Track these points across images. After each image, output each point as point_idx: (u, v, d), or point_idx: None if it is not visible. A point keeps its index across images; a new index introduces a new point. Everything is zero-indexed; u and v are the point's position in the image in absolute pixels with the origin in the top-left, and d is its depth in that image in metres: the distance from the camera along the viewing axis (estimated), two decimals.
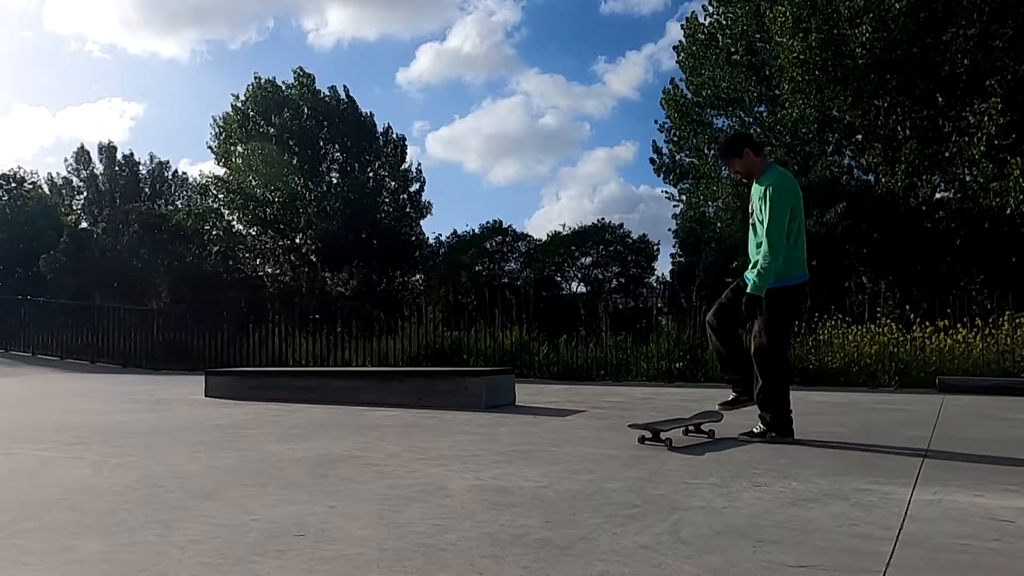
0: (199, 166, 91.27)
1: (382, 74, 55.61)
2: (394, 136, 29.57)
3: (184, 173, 36.88)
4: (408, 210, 29.33)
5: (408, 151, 29.92)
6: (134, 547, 2.08)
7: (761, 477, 3.03)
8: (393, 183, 29.44)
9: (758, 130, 21.39)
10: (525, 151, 55.76)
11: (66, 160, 37.26)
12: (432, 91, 54.68)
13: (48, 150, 57.26)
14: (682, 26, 22.00)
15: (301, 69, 28.64)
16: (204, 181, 29.76)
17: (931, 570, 1.85)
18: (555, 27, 53.88)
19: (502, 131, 53.85)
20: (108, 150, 35.63)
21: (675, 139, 22.48)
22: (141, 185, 35.60)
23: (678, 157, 22.79)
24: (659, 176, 23.41)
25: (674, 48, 22.62)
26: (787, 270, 4.01)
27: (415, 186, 29.72)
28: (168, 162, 36.89)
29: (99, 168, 35.63)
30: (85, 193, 35.44)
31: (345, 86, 29.17)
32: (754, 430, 4.14)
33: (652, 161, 23.17)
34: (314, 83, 28.62)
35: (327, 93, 28.74)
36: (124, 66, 57.67)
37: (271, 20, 52.30)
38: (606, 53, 56.20)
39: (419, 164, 30.98)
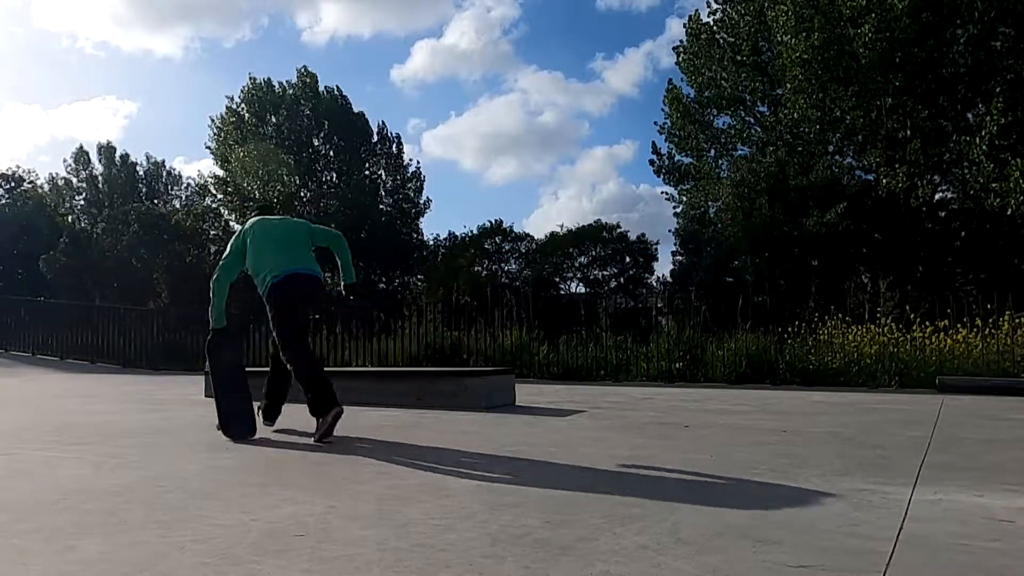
0: (195, 164, 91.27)
1: (377, 71, 55.69)
2: (390, 135, 29.59)
3: (180, 172, 36.95)
4: (407, 208, 29.32)
5: (404, 150, 29.98)
6: (134, 547, 2.08)
7: (761, 477, 3.03)
8: (390, 182, 29.44)
9: (759, 130, 21.41)
10: (523, 149, 55.81)
11: (65, 160, 37.36)
12: (428, 89, 54.71)
13: (43, 149, 57.35)
14: (684, 25, 22.02)
15: (304, 68, 28.69)
16: (202, 181, 29.82)
17: (931, 570, 1.85)
18: (553, 24, 53.95)
19: (499, 129, 53.89)
20: (107, 150, 35.68)
21: (676, 139, 22.47)
22: (139, 186, 35.64)
23: (678, 158, 22.79)
24: (659, 177, 23.44)
25: (674, 49, 22.64)
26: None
27: (413, 184, 29.73)
28: (163, 161, 37.05)
29: (98, 168, 35.68)
30: (84, 193, 35.47)
31: (338, 86, 29.22)
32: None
33: (652, 163, 23.19)
34: (317, 83, 28.65)
35: (324, 93, 28.77)
36: (117, 64, 57.80)
37: (265, 17, 52.35)
38: (604, 50, 56.27)
39: (417, 163, 31.04)
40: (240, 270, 4.61)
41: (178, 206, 32.77)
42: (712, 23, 21.19)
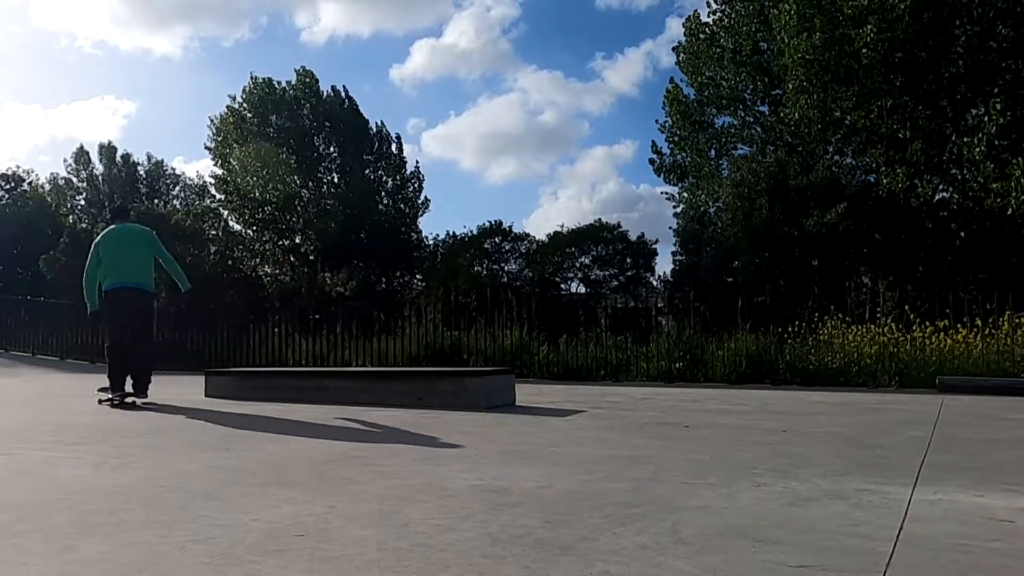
0: (194, 164, 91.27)
1: (376, 71, 55.73)
2: (390, 135, 29.57)
3: (181, 172, 36.97)
4: (406, 209, 29.31)
5: (404, 149, 29.98)
6: (134, 547, 2.08)
7: (761, 477, 3.03)
8: (390, 183, 29.42)
9: (759, 129, 21.41)
10: (523, 149, 55.86)
11: (65, 160, 37.40)
12: (427, 88, 54.74)
13: (43, 149, 57.53)
14: (683, 24, 22.03)
15: (303, 68, 28.69)
16: (202, 181, 29.81)
17: (931, 570, 1.85)
18: (553, 23, 54.01)
19: (499, 129, 53.90)
20: (107, 150, 35.68)
21: (676, 138, 22.48)
22: (139, 185, 35.63)
23: (678, 157, 22.79)
24: (659, 177, 23.47)
25: (674, 49, 22.66)
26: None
27: (412, 184, 29.71)
28: (163, 161, 37.07)
29: (99, 168, 35.68)
30: (85, 193, 35.47)
31: (344, 86, 29.20)
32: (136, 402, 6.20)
33: (652, 162, 23.21)
34: (317, 83, 28.63)
35: (327, 93, 28.75)
36: (116, 63, 57.91)
37: (264, 17, 52.40)
38: (604, 50, 56.35)
39: (416, 163, 31.03)
40: (100, 269, 6.24)
41: (178, 206, 32.76)
42: (712, 23, 21.19)
